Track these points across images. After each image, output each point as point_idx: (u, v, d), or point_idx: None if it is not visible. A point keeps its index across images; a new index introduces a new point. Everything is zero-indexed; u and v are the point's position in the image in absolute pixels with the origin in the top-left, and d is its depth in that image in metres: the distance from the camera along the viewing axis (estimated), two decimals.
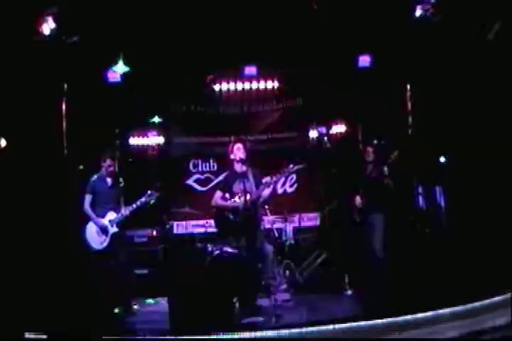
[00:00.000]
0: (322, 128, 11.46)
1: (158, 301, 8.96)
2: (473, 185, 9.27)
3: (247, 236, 7.89)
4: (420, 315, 6.40)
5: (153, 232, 10.17)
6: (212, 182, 11.21)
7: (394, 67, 10.17)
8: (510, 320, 6.54)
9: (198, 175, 11.54)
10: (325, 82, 10.93)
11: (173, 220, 10.68)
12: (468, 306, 6.64)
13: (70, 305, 7.58)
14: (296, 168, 8.01)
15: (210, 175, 11.48)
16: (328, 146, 10.62)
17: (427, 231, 9.71)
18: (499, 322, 6.57)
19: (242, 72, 10.71)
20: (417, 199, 10.29)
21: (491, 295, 6.82)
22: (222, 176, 8.83)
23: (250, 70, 10.59)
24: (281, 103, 11.64)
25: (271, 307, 7.57)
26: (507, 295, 6.78)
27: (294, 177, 11.35)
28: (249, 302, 7.66)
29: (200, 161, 11.59)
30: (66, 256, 8.65)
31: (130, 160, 11.12)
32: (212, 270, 7.93)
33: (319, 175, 11.21)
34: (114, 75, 9.83)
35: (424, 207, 10.29)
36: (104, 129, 10.42)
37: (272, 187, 8.25)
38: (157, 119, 11.38)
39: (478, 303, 6.70)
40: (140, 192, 8.31)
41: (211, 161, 11.54)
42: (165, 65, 10.23)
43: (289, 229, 10.10)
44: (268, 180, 8.25)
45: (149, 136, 11.45)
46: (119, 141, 11.06)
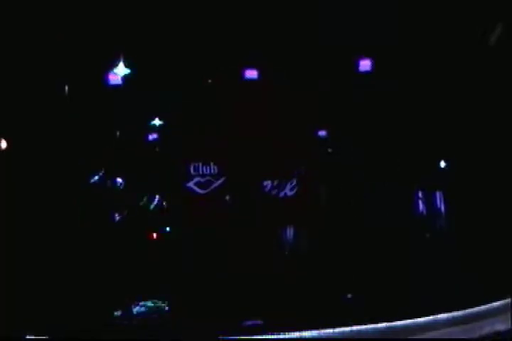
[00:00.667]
0: (322, 134, 11.47)
1: (159, 304, 8.95)
2: (473, 190, 9.28)
3: None
4: (420, 320, 6.42)
5: (154, 235, 10.17)
6: (213, 185, 11.20)
7: (394, 71, 10.18)
8: (509, 325, 6.55)
9: (198, 178, 11.54)
10: (325, 86, 10.93)
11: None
12: (467, 311, 6.65)
13: (71, 305, 7.60)
14: (297, 172, 8.01)
15: (210, 178, 11.47)
16: (328, 151, 10.62)
17: (427, 236, 9.72)
18: (498, 327, 6.58)
19: (242, 76, 10.70)
20: (417, 205, 10.30)
21: (490, 300, 6.84)
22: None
23: (251, 74, 10.58)
24: (282, 106, 11.63)
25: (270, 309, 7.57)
26: (506, 301, 6.80)
27: (294, 181, 11.34)
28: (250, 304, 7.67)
29: (200, 164, 11.59)
30: (68, 258, 8.66)
31: (130, 162, 11.12)
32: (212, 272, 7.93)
33: (320, 178, 11.19)
34: (114, 78, 9.83)
35: (424, 212, 10.30)
36: (105, 132, 10.42)
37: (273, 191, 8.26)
38: (158, 122, 11.39)
39: (477, 308, 6.72)
40: (141, 195, 8.30)
41: (212, 164, 11.54)
42: (166, 67, 10.23)
43: (290, 232, 10.09)
44: (269, 184, 8.27)
45: (150, 138, 11.46)
46: (120, 144, 11.06)
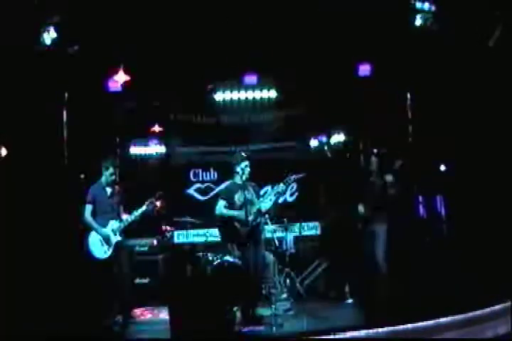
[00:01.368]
0: (323, 138, 11.50)
1: (159, 310, 8.94)
2: (473, 194, 9.27)
3: (249, 245, 7.91)
4: (421, 324, 6.40)
5: (154, 242, 10.17)
6: (213, 192, 11.21)
7: (394, 75, 10.19)
8: (509, 329, 6.54)
9: (198, 185, 11.55)
10: (325, 91, 10.95)
11: (173, 229, 10.66)
12: (469, 315, 6.64)
13: (72, 313, 7.60)
14: (297, 177, 8.02)
15: (210, 184, 11.48)
16: (328, 155, 10.63)
17: (428, 240, 9.70)
18: (499, 330, 6.57)
19: (242, 82, 10.72)
20: (418, 208, 10.29)
21: (491, 303, 6.82)
22: (224, 186, 8.79)
23: (250, 79, 10.59)
24: (281, 112, 11.65)
25: (272, 316, 7.54)
26: (507, 304, 6.78)
27: (294, 187, 11.35)
28: (250, 311, 7.65)
29: (200, 170, 11.61)
30: (68, 265, 8.66)
31: (130, 170, 11.15)
32: (213, 279, 7.90)
33: (320, 184, 11.21)
34: (114, 84, 9.85)
35: (425, 216, 10.29)
36: (105, 138, 10.44)
37: (273, 200, 8.27)
38: (157, 128, 11.42)
39: (478, 312, 6.70)
40: (141, 201, 8.29)
41: (211, 170, 11.56)
42: (165, 74, 10.25)
43: (290, 238, 10.07)
44: (269, 189, 8.28)
45: (150, 145, 11.49)
46: (120, 150, 11.08)
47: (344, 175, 10.40)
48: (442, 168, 10.31)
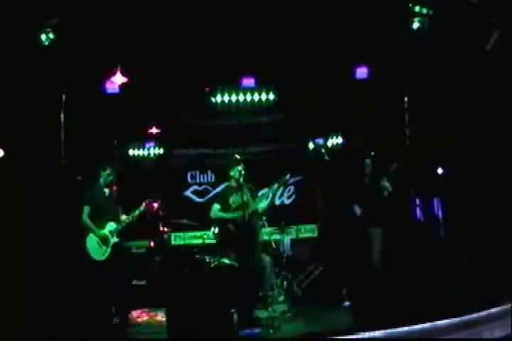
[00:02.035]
0: (320, 140, 11.50)
1: (156, 312, 8.93)
2: (471, 197, 9.28)
3: (245, 247, 7.92)
4: (418, 327, 6.40)
5: (152, 243, 10.16)
6: (210, 194, 11.21)
7: (392, 78, 10.21)
8: (508, 332, 6.54)
9: (195, 187, 11.55)
10: (323, 94, 10.96)
11: (171, 231, 10.65)
12: (466, 317, 6.64)
13: (70, 314, 7.59)
14: (294, 179, 8.03)
15: (207, 186, 11.48)
16: (326, 158, 10.64)
17: (425, 243, 9.71)
18: (497, 333, 6.57)
19: (240, 84, 10.72)
20: (415, 211, 10.30)
21: (488, 306, 6.83)
22: (219, 189, 8.80)
23: (248, 82, 10.60)
24: (278, 115, 11.66)
25: (269, 318, 7.54)
26: (505, 307, 6.78)
27: (291, 189, 11.35)
28: (247, 313, 7.64)
29: (197, 173, 11.61)
30: (66, 267, 8.65)
31: (128, 171, 11.14)
32: (210, 281, 7.89)
33: (317, 186, 11.21)
34: (112, 86, 9.84)
35: (422, 219, 10.31)
36: (103, 140, 10.44)
37: (270, 199, 8.27)
38: (155, 130, 11.42)
39: (475, 315, 6.70)
40: (138, 202, 8.29)
41: (209, 173, 11.56)
42: (163, 76, 10.25)
43: (287, 241, 10.06)
44: (265, 191, 8.29)
45: (147, 146, 11.49)
46: (118, 152, 11.08)
47: (341, 178, 10.40)
48: (440, 170, 10.33)
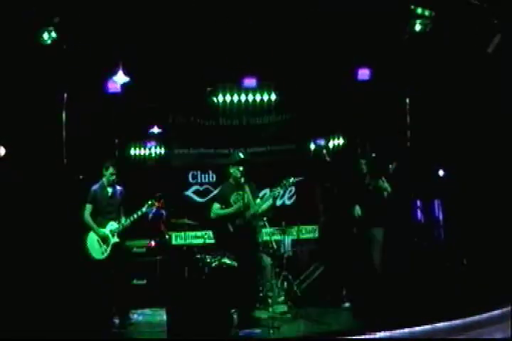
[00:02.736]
0: (321, 141, 11.50)
1: (156, 312, 8.93)
2: (471, 199, 9.29)
3: (246, 248, 7.93)
4: (418, 329, 6.41)
5: (152, 243, 10.16)
6: (211, 194, 11.19)
7: (393, 80, 10.22)
8: (508, 334, 6.53)
9: (196, 187, 11.55)
10: (324, 95, 10.97)
11: (171, 231, 10.65)
12: (466, 320, 6.64)
13: (69, 314, 7.59)
14: (296, 180, 8.04)
15: (209, 186, 11.47)
16: (327, 159, 10.64)
17: (425, 244, 9.72)
18: (497, 336, 6.56)
19: (241, 84, 10.73)
20: (415, 213, 10.30)
21: (489, 309, 6.83)
22: (219, 188, 8.80)
23: (249, 82, 10.60)
24: (280, 115, 11.66)
25: (269, 319, 7.55)
26: (506, 309, 6.79)
27: (292, 190, 11.35)
28: (247, 313, 7.65)
29: (199, 172, 11.60)
30: (67, 265, 8.66)
31: (129, 171, 11.15)
32: (211, 281, 7.91)
33: (318, 187, 11.20)
34: (114, 85, 9.84)
35: (422, 221, 10.31)
36: (104, 139, 10.45)
37: (271, 202, 8.29)
38: (157, 130, 11.42)
39: (476, 317, 6.71)
40: (140, 202, 8.29)
41: (210, 172, 11.55)
42: (165, 75, 10.26)
43: (288, 241, 10.06)
44: (267, 192, 8.30)
45: (149, 146, 11.49)
46: (119, 151, 11.08)
47: (342, 179, 10.40)
48: (440, 172, 10.34)
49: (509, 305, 6.83)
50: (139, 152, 11.53)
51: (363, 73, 10.17)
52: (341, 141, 11.51)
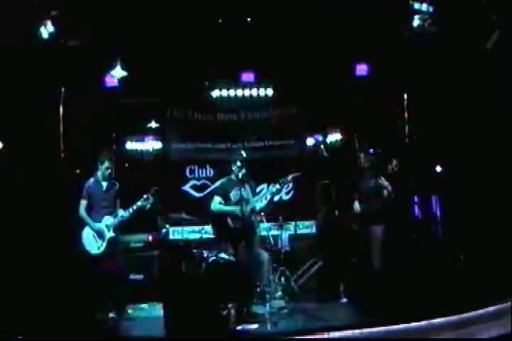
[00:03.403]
0: (319, 136, 11.49)
1: (153, 307, 8.92)
2: (469, 195, 9.29)
3: (244, 242, 7.95)
4: (414, 324, 6.42)
5: (149, 238, 10.14)
6: (209, 189, 11.18)
7: (391, 75, 10.21)
8: (505, 330, 6.54)
9: (194, 181, 11.53)
10: (322, 90, 10.95)
11: (169, 226, 10.64)
12: (463, 315, 6.65)
13: (65, 309, 7.59)
14: (293, 176, 8.05)
15: (206, 181, 11.46)
16: (325, 154, 10.64)
17: (423, 240, 9.72)
18: (494, 332, 6.57)
19: (239, 79, 10.72)
20: (413, 209, 10.31)
21: (485, 305, 6.83)
22: (219, 182, 8.80)
23: (247, 77, 10.59)
24: (278, 110, 11.64)
25: (266, 314, 7.55)
26: (502, 305, 6.79)
27: (290, 185, 11.33)
28: (245, 309, 7.66)
29: (196, 167, 11.58)
30: (63, 260, 8.65)
31: (127, 165, 11.14)
32: (208, 276, 7.90)
33: (316, 183, 11.19)
34: (111, 80, 9.83)
35: (420, 217, 10.31)
36: (102, 133, 10.43)
37: (268, 199, 8.31)
38: (154, 124, 11.41)
39: (472, 313, 6.71)
40: (136, 197, 8.28)
41: (208, 167, 11.53)
42: (163, 70, 10.24)
43: (285, 237, 10.06)
44: (265, 187, 8.29)
45: (146, 140, 11.47)
46: (116, 146, 11.06)
47: (340, 174, 10.41)
48: (438, 168, 10.34)
49: (506, 301, 6.82)
50: (137, 146, 11.51)
51: (361, 69, 10.19)
52: (339, 136, 11.49)
